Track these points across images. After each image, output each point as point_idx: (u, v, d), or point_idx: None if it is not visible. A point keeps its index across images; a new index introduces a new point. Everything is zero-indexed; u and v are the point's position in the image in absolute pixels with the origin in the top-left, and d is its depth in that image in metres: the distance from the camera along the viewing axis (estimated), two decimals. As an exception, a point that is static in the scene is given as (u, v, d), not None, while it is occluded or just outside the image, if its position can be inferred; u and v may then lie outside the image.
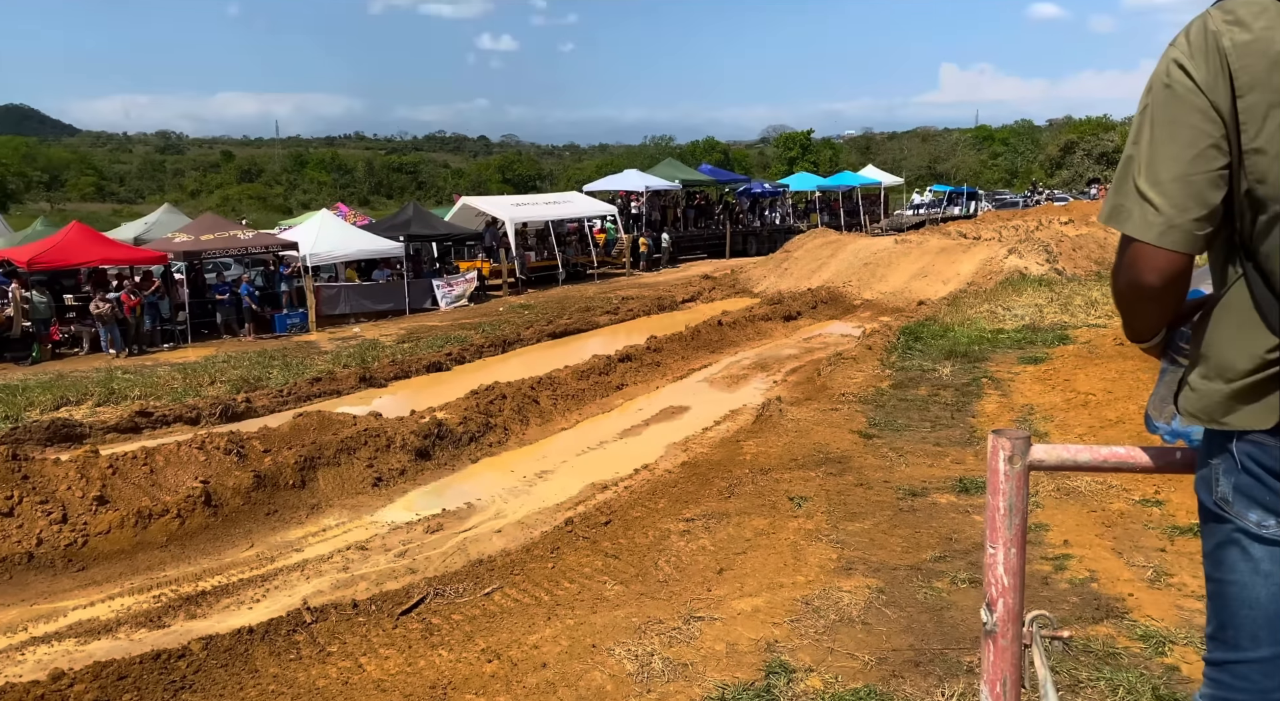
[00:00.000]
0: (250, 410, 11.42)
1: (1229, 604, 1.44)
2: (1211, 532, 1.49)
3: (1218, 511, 1.45)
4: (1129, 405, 8.25)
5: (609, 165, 54.76)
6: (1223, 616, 1.46)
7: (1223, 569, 1.45)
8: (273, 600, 6.26)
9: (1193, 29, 1.38)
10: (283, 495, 8.19)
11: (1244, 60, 1.31)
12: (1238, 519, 1.41)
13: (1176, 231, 1.35)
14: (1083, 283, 17.40)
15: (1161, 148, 1.37)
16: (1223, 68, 1.32)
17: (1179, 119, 1.35)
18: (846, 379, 11.31)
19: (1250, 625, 1.42)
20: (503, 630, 5.36)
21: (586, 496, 8.04)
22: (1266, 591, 1.40)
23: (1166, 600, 4.78)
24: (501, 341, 15.96)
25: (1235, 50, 1.31)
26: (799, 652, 4.57)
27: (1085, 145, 54.15)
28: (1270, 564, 1.39)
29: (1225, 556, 1.44)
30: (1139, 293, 1.45)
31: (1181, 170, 1.34)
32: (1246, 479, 1.39)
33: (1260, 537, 1.39)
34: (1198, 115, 1.34)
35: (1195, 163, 1.34)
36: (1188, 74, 1.35)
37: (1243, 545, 1.42)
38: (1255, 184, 1.33)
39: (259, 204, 62.50)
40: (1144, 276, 1.40)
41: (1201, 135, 1.34)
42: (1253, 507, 1.39)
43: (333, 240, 20.34)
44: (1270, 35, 1.30)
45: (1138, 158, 1.40)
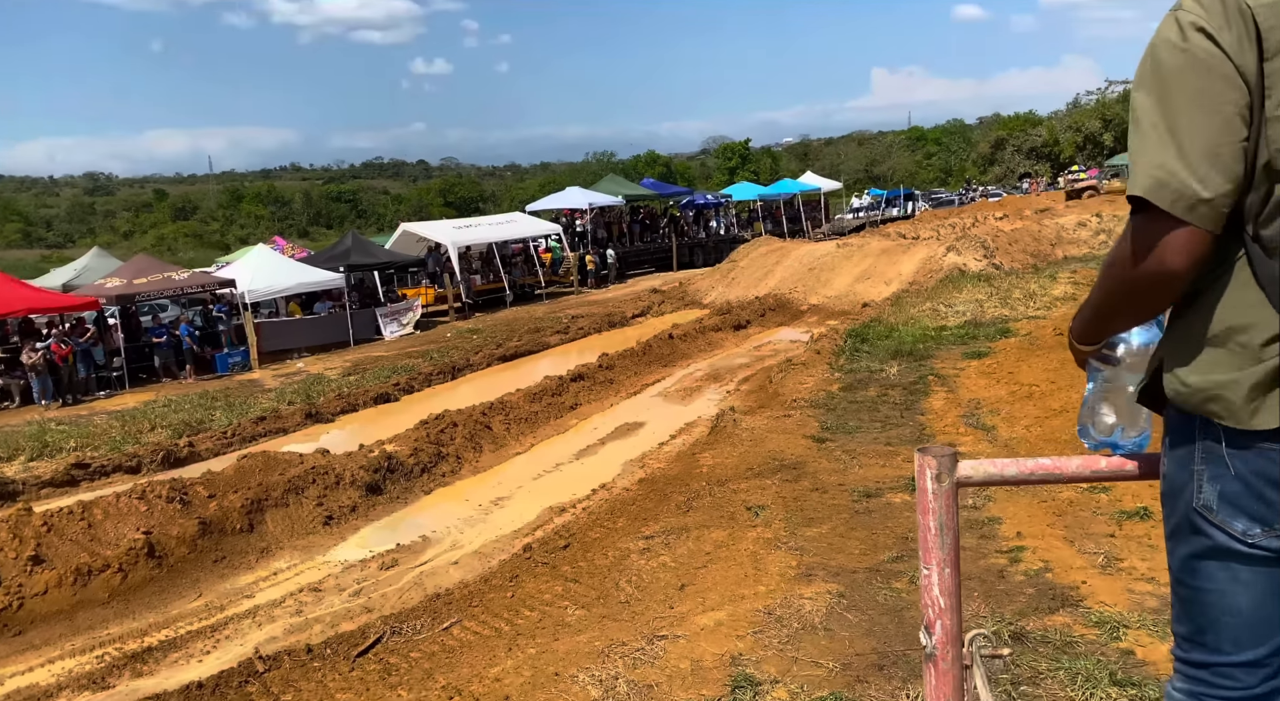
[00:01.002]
0: (194, 454, 11.11)
1: (1207, 611, 1.39)
2: (1186, 541, 1.40)
3: (1198, 519, 1.36)
4: (1071, 394, 8.41)
5: (551, 183, 54.74)
6: (1200, 622, 1.41)
7: (1199, 578, 1.39)
8: (223, 651, 6.06)
9: None
10: (230, 540, 7.96)
11: (1273, 20, 1.22)
12: (1222, 527, 1.33)
13: (1207, 207, 1.24)
14: (1020, 276, 17.77)
15: (1185, 118, 1.25)
16: (1249, 30, 1.23)
17: (1202, 86, 1.24)
18: (797, 384, 11.38)
19: (1232, 632, 1.38)
20: (463, 665, 5.25)
21: (544, 520, 7.94)
22: (1247, 599, 1.35)
23: (1118, 585, 4.85)
24: (450, 368, 15.77)
25: (1262, 10, 1.23)
26: (764, 664, 4.54)
27: (1015, 141, 55.54)
28: (1249, 574, 1.34)
29: (1202, 567, 1.38)
30: (1164, 280, 1.30)
31: (1209, 141, 1.24)
32: (1236, 485, 1.31)
33: (1239, 552, 1.33)
34: (1222, 82, 1.23)
35: (1223, 132, 1.24)
36: (1210, 38, 1.24)
37: (1223, 559, 1.35)
38: (1276, 154, 1.24)
39: (195, 241, 61.26)
40: (1173, 259, 1.27)
41: (1228, 102, 1.23)
42: (1238, 516, 1.32)
43: (270, 275, 19.96)
44: None
45: (1158, 129, 1.27)
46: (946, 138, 71.53)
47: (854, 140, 78.90)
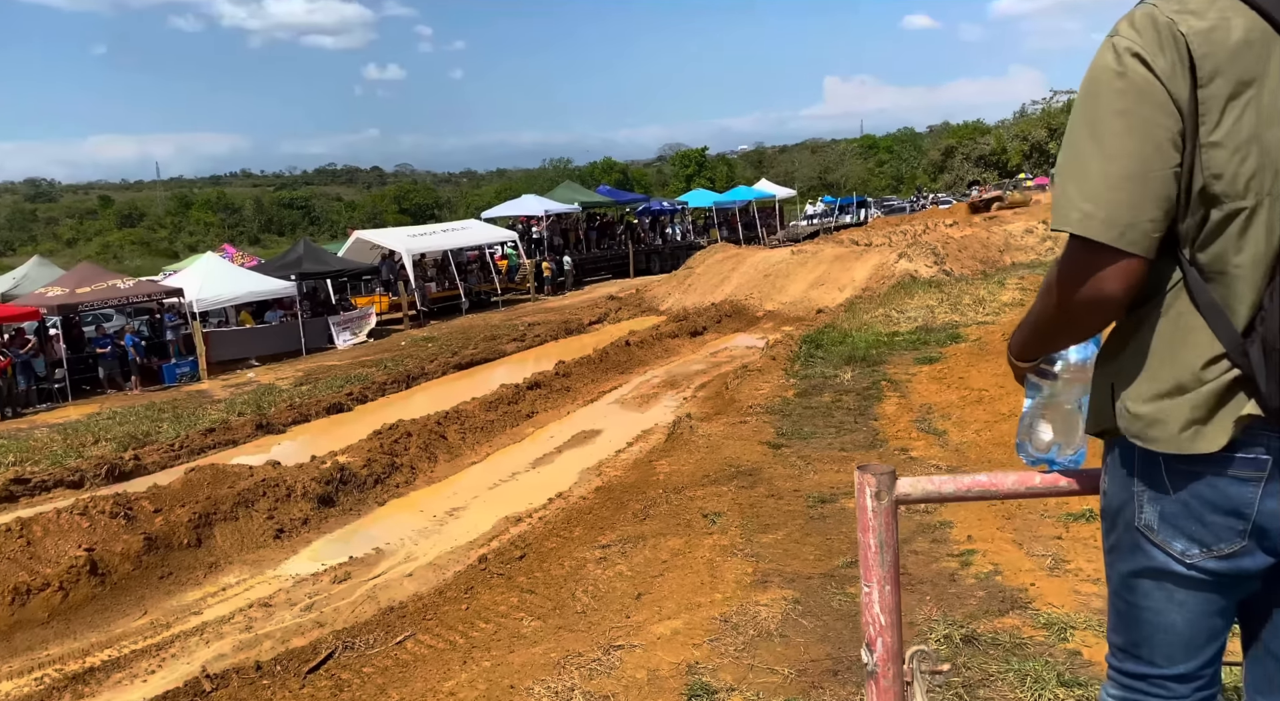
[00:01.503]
0: (139, 468, 10.84)
1: (1142, 627, 1.42)
2: (1125, 559, 1.42)
3: (1139, 539, 1.38)
4: (1020, 399, 8.51)
5: (507, 190, 54.51)
6: (1135, 636, 1.43)
7: (1136, 594, 1.41)
8: (169, 670, 5.91)
9: (1137, 18, 1.29)
10: (177, 556, 7.77)
11: (1205, 48, 1.22)
12: (1163, 547, 1.35)
13: (1136, 232, 1.24)
14: (970, 282, 18.08)
15: (1117, 142, 1.25)
16: (1182, 57, 1.23)
17: (1135, 112, 1.25)
18: (753, 390, 11.45)
19: (1165, 647, 1.41)
20: (417, 679, 5.18)
21: (500, 531, 7.88)
22: (1182, 618, 1.38)
23: (1066, 587, 4.94)
24: (405, 377, 15.59)
25: (1196, 38, 1.22)
26: (720, 672, 4.54)
27: (964, 149, 56.62)
28: (1185, 595, 1.36)
29: (1140, 584, 1.40)
30: (1099, 305, 1.31)
31: (1140, 167, 1.24)
32: (1175, 507, 1.32)
33: (1176, 573, 1.34)
34: (1155, 108, 1.24)
35: (1154, 159, 1.24)
36: (1145, 64, 1.24)
37: (1158, 578, 1.37)
38: (1211, 179, 1.24)
39: (142, 249, 59.87)
40: (1107, 285, 1.28)
41: (1160, 128, 1.24)
42: (1178, 537, 1.33)
43: (220, 283, 19.59)
44: (1227, 22, 1.22)
45: (1090, 155, 1.27)
46: (898, 146, 72.65)
47: (808, 148, 79.76)
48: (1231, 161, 1.22)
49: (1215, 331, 1.26)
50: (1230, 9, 1.23)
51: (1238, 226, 1.24)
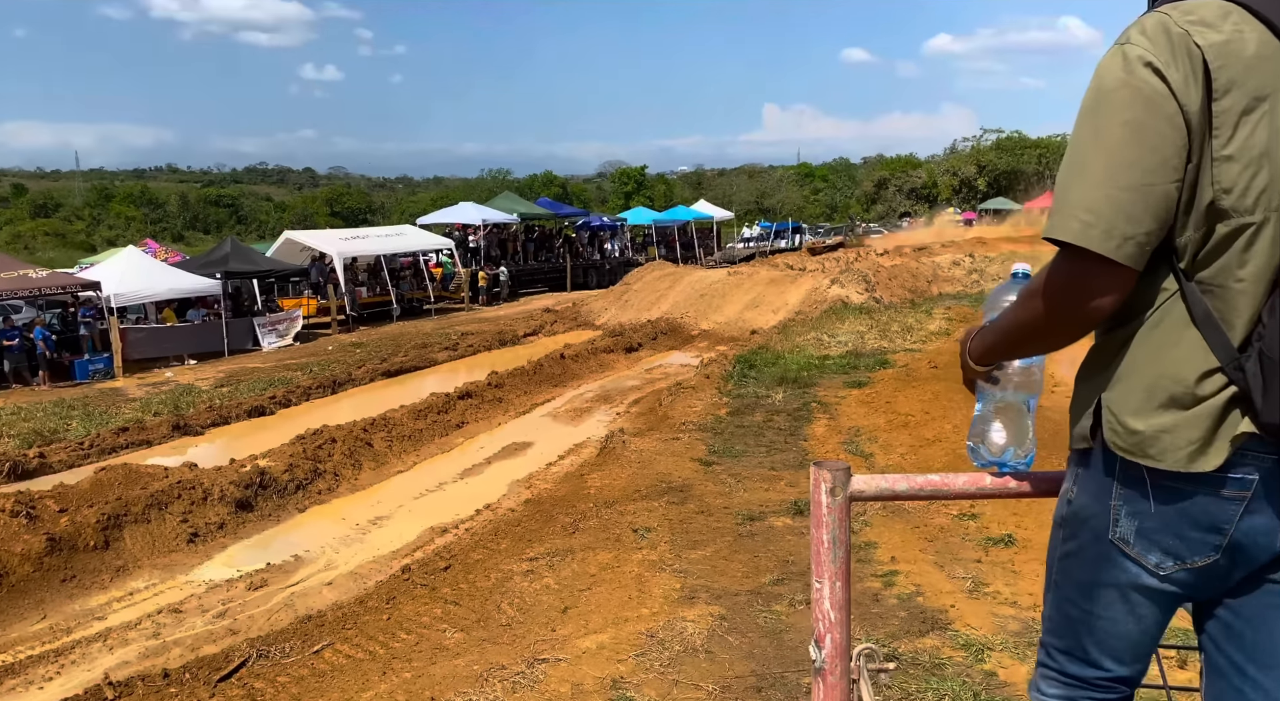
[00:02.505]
0: (44, 466, 10.35)
1: (1096, 633, 1.42)
2: (1090, 569, 1.40)
3: (1111, 551, 1.36)
4: (944, 425, 8.80)
5: (444, 198, 53.84)
6: (1085, 640, 1.43)
7: (1096, 604, 1.40)
8: (68, 677, 5.63)
9: (1150, 27, 1.26)
10: (82, 558, 7.43)
11: (1221, 60, 1.21)
12: (1138, 560, 1.34)
13: (1133, 244, 1.23)
14: (898, 310, 18.53)
15: (1123, 153, 1.23)
16: (1196, 69, 1.21)
17: (1143, 122, 1.22)
18: (687, 408, 11.51)
19: (1115, 651, 1.42)
20: (333, 690, 5.04)
21: (425, 541, 7.74)
22: (1137, 626, 1.40)
23: (984, 609, 5.07)
24: (331, 382, 15.24)
25: (1212, 50, 1.21)
26: (644, 688, 4.53)
27: (896, 181, 58.18)
28: (1147, 607, 1.37)
29: (1102, 594, 1.39)
30: (1086, 313, 1.29)
31: (1142, 178, 1.22)
32: (1155, 522, 1.31)
33: (1146, 585, 1.35)
34: (1164, 121, 1.22)
35: (1158, 172, 1.22)
36: (1159, 74, 1.22)
37: (1124, 590, 1.37)
38: (1221, 194, 1.23)
39: (57, 241, 57.36)
40: (1097, 296, 1.26)
41: (1167, 142, 1.22)
42: (1153, 550, 1.32)
43: (140, 279, 18.88)
44: (1242, 36, 1.21)
45: (1092, 164, 1.25)
46: (833, 175, 74.32)
47: (746, 172, 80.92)
48: (1243, 176, 1.22)
49: (1211, 346, 1.25)
50: (1244, 23, 1.23)
51: (1244, 241, 1.24)
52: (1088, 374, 1.42)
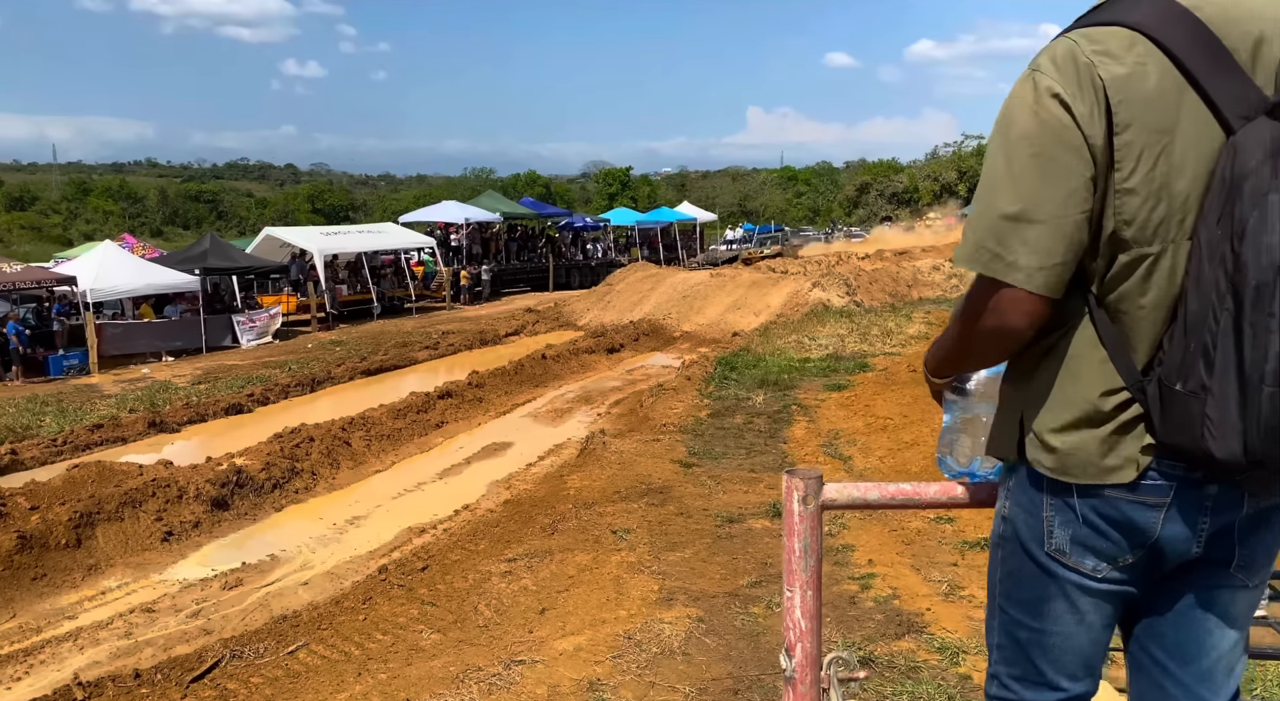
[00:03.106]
0: (16, 463, 10.21)
1: (1050, 651, 1.43)
2: (1034, 585, 1.42)
3: (1050, 563, 1.39)
4: (922, 428, 8.84)
5: (427, 196, 53.59)
6: (1039, 661, 1.44)
7: (1046, 620, 1.42)
8: (37, 677, 5.55)
9: (1059, 56, 1.28)
10: (53, 556, 7.33)
11: (1122, 95, 1.23)
12: (1075, 568, 1.38)
13: (1047, 274, 1.26)
14: (879, 313, 18.63)
15: (1032, 185, 1.26)
16: (1100, 102, 1.23)
17: (1053, 155, 1.25)
18: (667, 409, 11.51)
19: (1070, 667, 1.44)
20: (308, 691, 5.00)
21: (402, 541, 7.70)
22: (1088, 637, 1.42)
23: (960, 612, 5.10)
24: (310, 380, 15.13)
25: (1113, 84, 1.23)
26: (621, 690, 4.53)
27: (878, 186, 58.46)
28: (1094, 613, 1.40)
29: (1050, 609, 1.41)
30: (1004, 338, 1.34)
31: (1054, 210, 1.25)
32: (1085, 530, 1.35)
33: (1089, 588, 1.38)
34: (1072, 152, 1.24)
35: (1068, 203, 1.25)
36: (1065, 106, 1.25)
37: (1072, 598, 1.39)
38: (1122, 225, 1.26)
39: (33, 234, 56.68)
40: (1012, 321, 1.30)
41: (1074, 174, 1.24)
42: (1088, 555, 1.36)
43: (117, 274, 18.67)
44: (1144, 70, 1.23)
45: (1003, 195, 1.28)
46: (815, 179, 74.54)
47: (729, 175, 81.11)
48: (1143, 209, 1.25)
49: (1117, 367, 1.30)
50: (1147, 55, 1.24)
51: (1143, 271, 1.28)
52: (1009, 389, 1.47)
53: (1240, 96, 1.23)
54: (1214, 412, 1.20)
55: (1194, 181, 1.24)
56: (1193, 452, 1.24)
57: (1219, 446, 1.20)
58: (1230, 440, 1.19)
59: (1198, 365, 1.21)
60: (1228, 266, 1.18)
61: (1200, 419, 1.21)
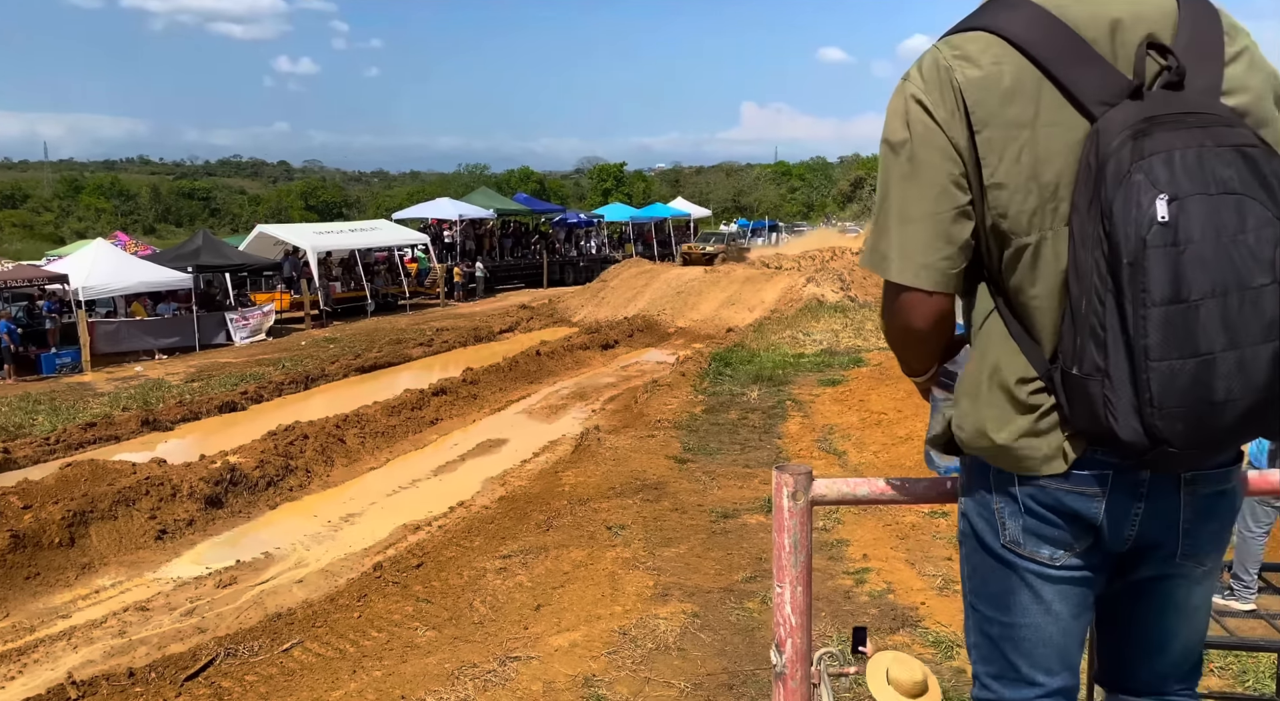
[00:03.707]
0: (9, 462, 10.17)
1: (1021, 645, 1.43)
2: (997, 578, 1.43)
3: (1007, 554, 1.40)
4: (917, 423, 8.86)
5: (420, 193, 53.44)
6: (1013, 657, 1.44)
7: (1013, 613, 1.42)
8: (31, 676, 5.54)
9: (925, 64, 1.35)
10: (47, 555, 7.31)
11: (976, 96, 1.29)
12: (1031, 557, 1.38)
13: (930, 271, 1.32)
14: (873, 308, 18.64)
15: (907, 186, 1.33)
16: (958, 104, 1.30)
17: (921, 156, 1.32)
18: (662, 405, 11.52)
19: (1045, 661, 1.43)
20: (302, 688, 4.99)
21: (397, 538, 7.69)
22: (1057, 627, 1.41)
23: (954, 606, 5.11)
24: (304, 378, 15.10)
25: (968, 86, 1.29)
26: (616, 685, 4.53)
27: (872, 181, 58.48)
28: (1059, 602, 1.40)
29: (1016, 601, 1.41)
30: (908, 335, 1.42)
31: (927, 208, 1.31)
32: (1033, 520, 1.36)
33: (1050, 576, 1.38)
34: (938, 153, 1.31)
35: (940, 200, 1.31)
36: (927, 111, 1.32)
37: (1034, 588, 1.39)
38: (998, 218, 1.31)
39: (24, 232, 56.41)
40: (911, 320, 1.37)
41: (942, 172, 1.31)
42: (1043, 545, 1.37)
43: (110, 271, 18.58)
44: (999, 71, 1.28)
45: (887, 198, 1.36)
46: (809, 174, 74.58)
47: (723, 170, 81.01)
48: (1014, 201, 1.29)
49: (1028, 358, 1.33)
50: (1004, 55, 1.29)
51: (1028, 260, 1.31)
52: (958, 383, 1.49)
53: (1101, 84, 1.26)
54: (1111, 394, 1.21)
55: (1062, 171, 1.27)
56: (1100, 436, 1.26)
57: (1122, 428, 1.21)
58: (1130, 420, 1.20)
59: (1089, 348, 1.23)
60: (1102, 248, 1.20)
61: (1101, 401, 1.23)
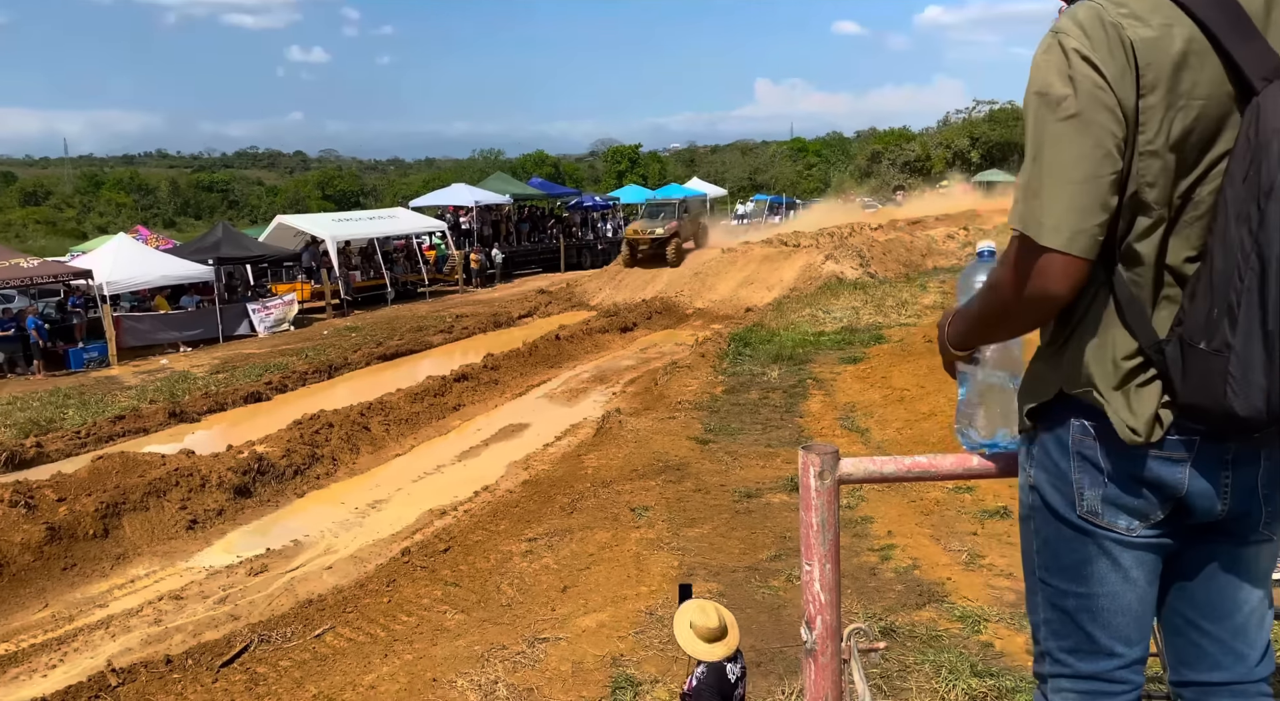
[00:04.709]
0: (41, 456, 10.35)
1: (1100, 615, 1.43)
2: (1072, 549, 1.42)
3: (1084, 525, 1.40)
4: (939, 399, 8.81)
5: (436, 180, 53.46)
6: (1090, 628, 1.43)
7: (1090, 583, 1.42)
8: (71, 664, 5.66)
9: (1083, 18, 1.28)
10: (82, 546, 7.45)
11: (1149, 57, 1.23)
12: (1109, 528, 1.38)
13: (1085, 237, 1.27)
14: (893, 284, 18.52)
15: (1068, 147, 1.26)
16: (1130, 64, 1.24)
17: (1087, 116, 1.25)
18: (682, 387, 11.52)
19: (1124, 630, 1.43)
20: (335, 672, 5.07)
21: (424, 524, 7.77)
22: (1135, 594, 1.41)
23: (980, 581, 5.11)
24: (327, 367, 15.23)
25: (1141, 47, 1.23)
26: (644, 664, 4.57)
27: (890, 155, 57.86)
28: (1137, 569, 1.40)
29: (1094, 570, 1.41)
30: (1044, 301, 1.34)
31: (1089, 171, 1.25)
32: (1113, 489, 1.36)
33: (1129, 542, 1.38)
34: (1106, 113, 1.24)
35: (1102, 164, 1.25)
36: (1095, 68, 1.25)
37: (1113, 555, 1.39)
38: (1145, 187, 1.27)
39: (48, 229, 57.00)
40: (1053, 285, 1.30)
41: (1108, 135, 1.25)
42: (1121, 515, 1.37)
43: (132, 266, 18.77)
44: (1170, 33, 1.24)
45: (1041, 157, 1.28)
46: (826, 149, 73.87)
47: (738, 148, 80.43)
48: (1165, 171, 1.26)
49: (1136, 329, 1.32)
50: (1173, 18, 1.24)
51: (1161, 234, 1.30)
52: (1037, 357, 1.48)
53: (1260, 58, 1.23)
54: (1237, 370, 1.21)
55: (1218, 144, 1.25)
56: (1214, 411, 1.26)
57: (1241, 404, 1.22)
58: (1253, 397, 1.21)
59: (1222, 324, 1.23)
60: (1253, 225, 1.19)
61: (1223, 377, 1.23)
